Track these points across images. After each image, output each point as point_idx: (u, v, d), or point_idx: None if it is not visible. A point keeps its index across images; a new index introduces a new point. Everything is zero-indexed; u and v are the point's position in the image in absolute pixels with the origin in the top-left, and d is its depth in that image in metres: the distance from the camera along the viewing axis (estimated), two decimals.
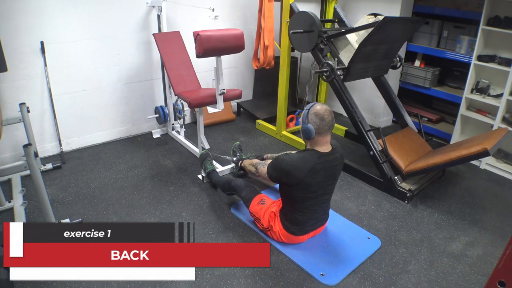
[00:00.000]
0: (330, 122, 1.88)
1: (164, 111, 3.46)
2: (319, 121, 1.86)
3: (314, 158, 1.89)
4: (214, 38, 2.48)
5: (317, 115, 1.86)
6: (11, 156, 2.93)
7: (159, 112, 3.47)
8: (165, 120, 3.49)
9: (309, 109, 1.91)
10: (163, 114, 3.45)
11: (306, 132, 1.90)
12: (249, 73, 4.27)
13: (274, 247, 2.11)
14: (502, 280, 1.13)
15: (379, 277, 1.94)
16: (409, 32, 3.11)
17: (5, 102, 2.78)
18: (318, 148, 1.93)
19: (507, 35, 2.89)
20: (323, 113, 1.86)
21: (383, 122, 4.02)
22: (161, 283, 1.85)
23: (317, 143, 1.93)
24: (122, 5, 3.11)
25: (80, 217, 2.28)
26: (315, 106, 1.90)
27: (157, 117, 3.52)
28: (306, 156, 1.92)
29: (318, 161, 1.89)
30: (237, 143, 2.92)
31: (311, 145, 1.96)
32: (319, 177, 1.92)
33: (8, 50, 2.55)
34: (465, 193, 2.78)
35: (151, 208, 2.47)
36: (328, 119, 1.87)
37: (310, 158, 1.90)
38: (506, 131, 2.52)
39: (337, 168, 2.01)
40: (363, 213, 2.49)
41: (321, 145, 1.93)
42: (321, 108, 1.88)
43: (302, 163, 1.89)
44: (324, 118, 1.86)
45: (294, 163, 1.89)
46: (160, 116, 3.47)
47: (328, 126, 1.88)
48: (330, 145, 1.96)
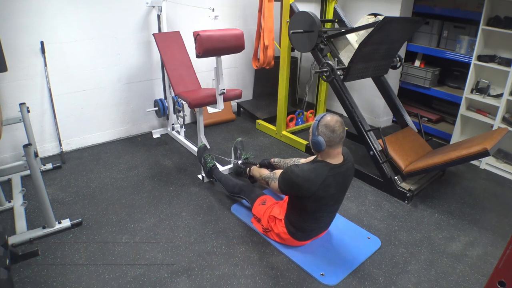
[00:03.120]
0: (342, 134, 1.79)
1: (164, 104, 3.43)
2: (330, 133, 1.77)
3: (325, 170, 1.81)
4: (214, 38, 2.47)
5: (327, 127, 1.77)
6: (11, 156, 2.93)
7: (158, 105, 3.44)
8: (164, 113, 3.46)
9: (319, 121, 1.81)
10: (162, 107, 3.42)
11: (316, 145, 1.81)
12: (249, 73, 4.27)
13: (274, 247, 2.12)
14: (502, 280, 1.13)
15: (379, 277, 1.94)
16: (409, 32, 3.11)
17: (5, 102, 2.78)
18: (330, 160, 1.85)
19: (507, 35, 2.89)
20: (333, 125, 1.77)
21: (383, 122, 4.02)
22: (161, 283, 1.86)
23: (329, 155, 1.84)
24: (122, 5, 3.11)
25: (80, 217, 2.28)
26: (325, 117, 1.81)
27: (156, 110, 3.49)
28: (317, 168, 1.83)
29: (329, 174, 1.82)
30: (239, 139, 2.91)
31: (322, 157, 1.87)
32: (332, 190, 1.86)
33: (8, 50, 2.55)
34: (465, 193, 2.78)
35: (151, 208, 2.47)
36: (339, 131, 1.77)
37: (321, 170, 1.82)
38: (506, 131, 2.52)
39: (349, 178, 1.96)
40: (363, 213, 2.49)
41: (332, 157, 1.85)
42: (331, 119, 1.79)
43: (313, 176, 1.80)
44: (335, 130, 1.77)
45: (305, 176, 1.81)
46: (160, 109, 3.43)
47: (339, 138, 1.79)
48: (341, 155, 1.89)
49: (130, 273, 1.92)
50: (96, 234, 2.20)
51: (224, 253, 2.08)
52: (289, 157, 3.21)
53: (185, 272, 1.93)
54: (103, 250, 2.08)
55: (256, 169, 2.51)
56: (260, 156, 3.21)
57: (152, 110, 3.50)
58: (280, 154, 3.29)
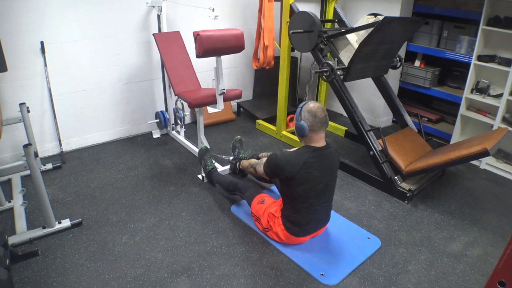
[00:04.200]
0: (323, 119, 1.89)
1: (165, 116, 3.49)
2: (312, 118, 1.87)
3: (306, 153, 1.91)
4: (214, 38, 2.47)
5: (310, 112, 1.88)
6: (11, 156, 2.93)
7: (159, 117, 3.50)
8: (166, 126, 3.54)
9: (302, 107, 1.93)
10: (163, 119, 3.48)
11: (299, 129, 1.92)
12: (249, 73, 4.27)
13: (274, 247, 2.12)
14: (502, 280, 1.13)
15: (379, 277, 1.94)
16: (409, 32, 3.11)
17: (5, 102, 2.78)
18: (313, 145, 1.94)
19: (507, 35, 2.89)
20: (315, 110, 1.88)
21: (383, 122, 4.02)
22: (161, 283, 1.86)
23: (312, 140, 1.94)
24: (122, 5, 3.11)
25: (80, 217, 2.28)
26: (308, 104, 1.92)
27: (157, 122, 3.56)
28: (299, 151, 1.94)
29: (311, 155, 1.90)
30: (238, 137, 2.92)
31: (306, 143, 1.97)
32: (316, 172, 1.92)
33: (8, 50, 2.55)
34: (465, 193, 2.78)
35: (151, 208, 2.47)
36: (321, 116, 1.88)
37: (303, 153, 1.91)
38: (506, 131, 2.52)
39: (333, 162, 2.01)
40: (363, 213, 2.49)
41: (315, 142, 1.94)
42: (314, 106, 1.90)
43: (295, 158, 1.90)
44: (316, 115, 1.87)
45: (287, 158, 1.90)
46: (161, 121, 3.50)
47: (321, 123, 1.89)
48: (324, 141, 1.98)
49: (130, 273, 1.92)
50: (96, 234, 2.20)
51: (224, 253, 2.08)
52: None
53: (185, 272, 1.93)
54: (103, 250, 2.08)
55: (245, 161, 2.62)
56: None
57: (154, 122, 3.56)
58: None
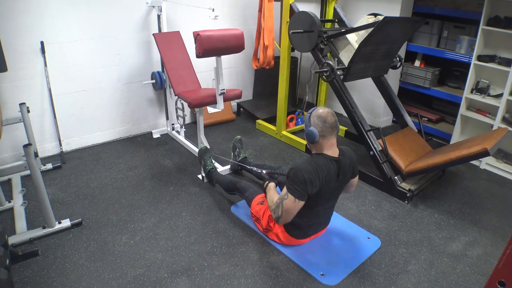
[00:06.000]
0: (334, 124, 1.83)
1: (161, 76, 3.36)
2: (321, 124, 1.82)
3: (328, 163, 1.84)
4: (214, 38, 2.47)
5: (319, 117, 1.83)
6: (11, 156, 2.93)
7: (155, 78, 3.36)
8: (162, 87, 3.38)
9: (311, 113, 1.87)
10: (159, 79, 3.35)
11: (310, 135, 1.85)
12: (249, 73, 4.27)
13: (274, 247, 2.12)
14: (502, 280, 1.13)
15: (379, 277, 1.94)
16: (409, 32, 3.11)
17: (5, 102, 2.78)
18: (326, 152, 1.86)
19: (507, 35, 2.89)
20: (325, 115, 1.83)
21: (383, 122, 4.02)
22: (161, 283, 1.86)
23: (323, 147, 1.86)
24: (122, 5, 3.11)
25: (80, 217, 2.28)
26: (317, 109, 1.87)
27: (153, 83, 3.41)
28: (319, 162, 1.83)
29: (333, 167, 1.84)
30: (238, 137, 2.91)
31: (317, 150, 1.89)
32: (333, 183, 1.88)
33: (8, 50, 2.55)
34: (465, 193, 2.78)
35: (151, 208, 2.47)
36: (330, 121, 1.82)
37: (325, 163, 1.83)
38: (506, 131, 2.52)
39: (348, 173, 1.97)
40: (363, 213, 2.49)
41: (327, 149, 1.86)
42: (323, 111, 1.85)
43: (318, 169, 1.81)
44: (326, 120, 1.82)
45: (311, 170, 1.79)
46: (157, 82, 3.35)
47: (331, 128, 1.83)
48: (337, 148, 1.91)
49: (130, 273, 1.92)
50: (96, 234, 2.20)
51: (224, 253, 2.08)
52: (289, 157, 3.22)
53: (185, 272, 1.93)
54: (103, 250, 2.08)
55: (272, 191, 2.12)
56: (259, 156, 3.21)
57: (149, 82, 3.41)
58: (280, 154, 3.29)
